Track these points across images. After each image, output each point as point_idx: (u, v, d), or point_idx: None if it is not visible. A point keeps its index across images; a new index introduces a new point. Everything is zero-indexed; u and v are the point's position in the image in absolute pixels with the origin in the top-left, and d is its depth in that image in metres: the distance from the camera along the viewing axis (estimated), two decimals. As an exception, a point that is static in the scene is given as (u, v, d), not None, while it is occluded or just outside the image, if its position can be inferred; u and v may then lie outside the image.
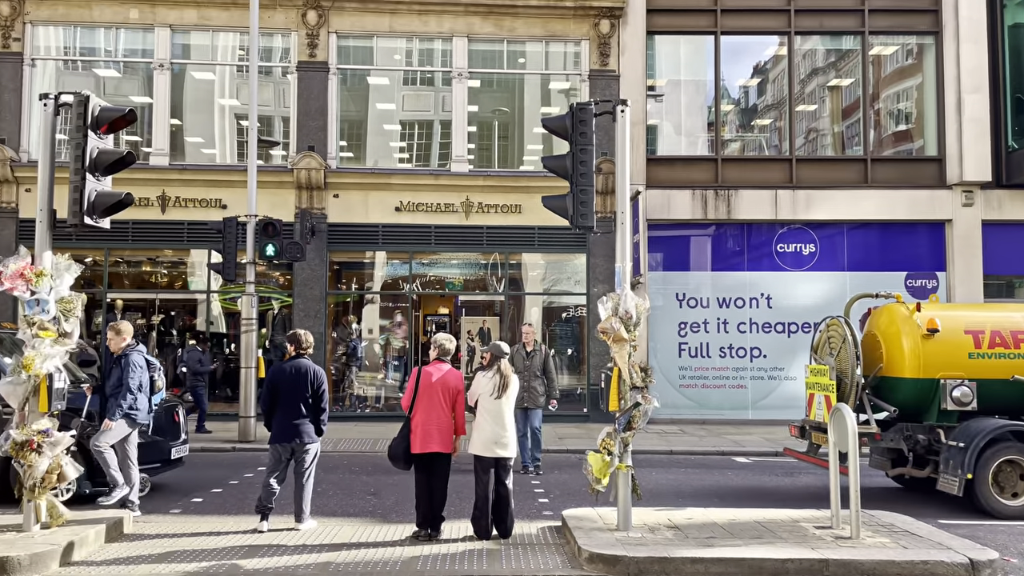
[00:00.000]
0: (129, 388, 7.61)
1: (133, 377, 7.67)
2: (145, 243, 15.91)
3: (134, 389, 7.65)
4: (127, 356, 7.78)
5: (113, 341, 7.90)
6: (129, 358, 7.76)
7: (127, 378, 7.64)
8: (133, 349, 7.87)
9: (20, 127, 15.51)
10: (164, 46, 15.83)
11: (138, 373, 7.73)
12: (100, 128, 7.13)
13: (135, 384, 7.67)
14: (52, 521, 6.57)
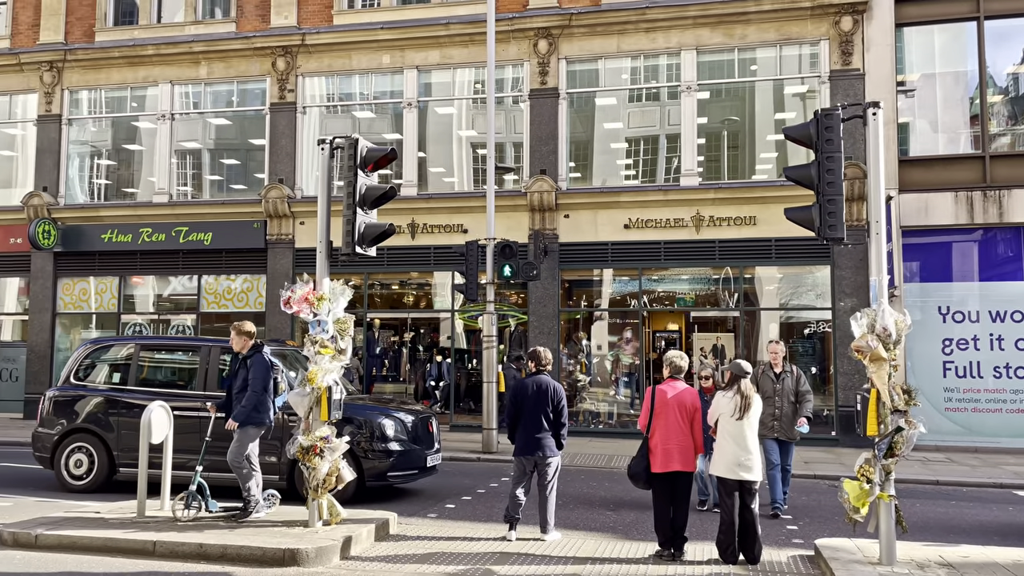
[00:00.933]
0: (255, 388, 7.66)
1: (259, 377, 7.70)
2: (397, 267, 17.38)
3: (259, 390, 7.67)
4: (253, 357, 7.83)
5: (236, 341, 7.91)
6: (255, 359, 7.81)
7: (252, 378, 7.69)
8: (258, 350, 7.90)
9: (295, 168, 17.66)
10: (412, 86, 17.30)
11: (263, 374, 7.75)
12: (367, 167, 7.98)
13: (260, 384, 7.70)
14: (331, 519, 7.39)
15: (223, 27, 18.21)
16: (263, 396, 7.71)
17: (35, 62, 18.80)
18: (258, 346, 7.97)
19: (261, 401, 7.70)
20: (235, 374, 7.92)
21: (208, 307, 18.13)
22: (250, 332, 7.99)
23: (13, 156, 19.75)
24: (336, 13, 17.68)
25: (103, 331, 18.55)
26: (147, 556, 6.63)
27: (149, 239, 18.03)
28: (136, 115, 18.89)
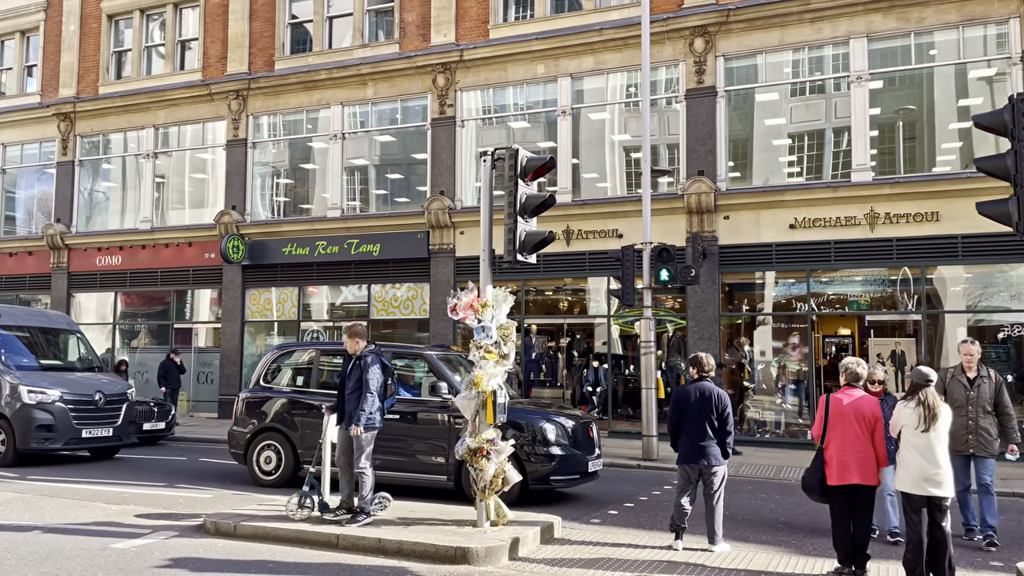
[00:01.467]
0: (369, 388, 7.75)
1: (373, 377, 7.79)
2: (552, 273, 17.56)
3: (374, 390, 7.78)
4: (366, 357, 7.93)
5: (349, 344, 8.08)
6: (369, 360, 7.91)
7: (367, 379, 7.76)
8: (371, 352, 8.03)
9: (455, 180, 18.29)
10: (565, 93, 17.46)
11: (377, 375, 7.86)
12: (527, 176, 8.15)
13: (375, 385, 7.80)
14: (498, 519, 7.58)
15: (387, 48, 19.19)
16: (375, 398, 7.81)
17: (223, 91, 20.64)
18: (372, 348, 8.16)
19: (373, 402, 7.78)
20: (347, 375, 8.04)
21: (377, 314, 19.13)
22: (362, 334, 8.14)
23: (205, 178, 21.78)
24: (492, 27, 18.17)
25: (284, 337, 20.02)
26: (331, 548, 7.09)
27: (324, 251, 19.29)
28: (310, 136, 20.29)
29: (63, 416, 12.38)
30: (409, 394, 10.34)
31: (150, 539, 7.36)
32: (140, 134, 22.02)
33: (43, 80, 23.47)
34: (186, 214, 21.76)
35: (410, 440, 9.84)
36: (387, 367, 8.14)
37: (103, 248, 22.06)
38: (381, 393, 7.94)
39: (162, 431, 15.44)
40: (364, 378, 7.80)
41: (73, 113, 22.56)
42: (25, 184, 24.14)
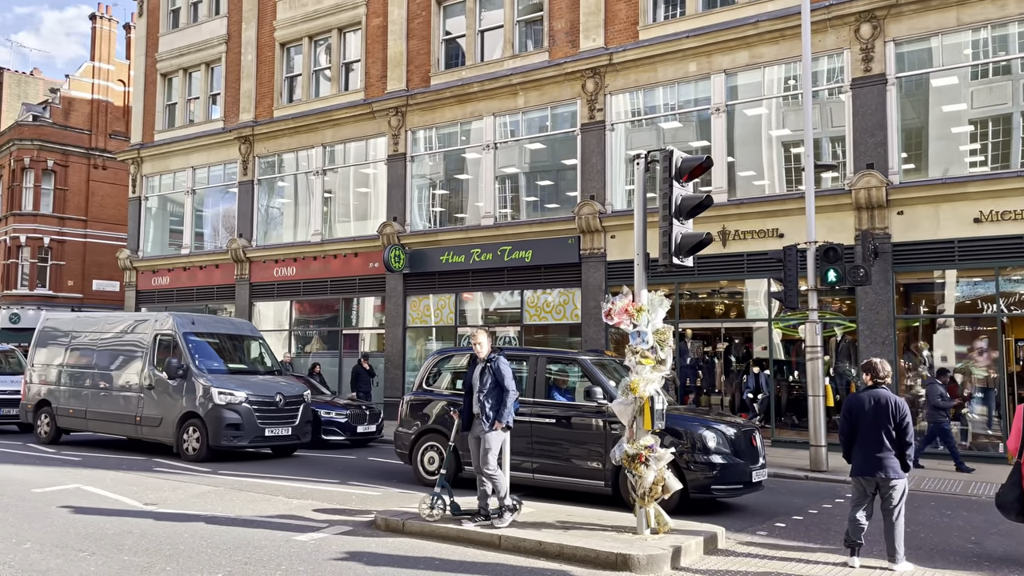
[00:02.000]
0: (509, 388, 7.85)
1: (507, 376, 7.89)
2: (708, 276, 17.08)
3: (512, 388, 7.89)
4: (495, 361, 7.99)
5: (477, 349, 8.17)
6: (499, 361, 7.99)
7: (502, 378, 7.85)
8: (496, 356, 8.11)
9: (604, 184, 18.24)
10: (719, 90, 16.98)
11: (511, 374, 8.00)
12: (682, 177, 7.99)
13: (512, 384, 7.92)
14: (659, 527, 7.46)
15: (537, 57, 19.47)
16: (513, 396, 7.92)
17: (384, 109, 21.71)
18: (499, 350, 8.27)
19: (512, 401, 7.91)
20: (476, 378, 8.08)
21: (529, 319, 19.41)
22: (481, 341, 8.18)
23: (368, 192, 22.98)
24: (642, 29, 17.99)
25: (443, 342, 20.74)
26: (493, 549, 7.25)
27: (478, 259, 19.82)
28: (463, 147, 20.93)
29: (249, 416, 13.45)
30: (563, 399, 10.40)
31: (327, 533, 7.84)
32: (309, 153, 23.58)
33: (225, 107, 25.67)
34: (351, 226, 23.05)
35: (565, 444, 9.89)
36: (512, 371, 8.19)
37: (279, 260, 23.79)
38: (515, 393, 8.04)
39: (372, 434, 16.43)
40: (500, 378, 7.90)
41: (252, 136, 24.51)
42: (211, 203, 26.49)
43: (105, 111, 39.53)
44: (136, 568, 6.40)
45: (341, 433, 15.65)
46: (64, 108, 38.54)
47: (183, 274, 26.18)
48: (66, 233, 37.53)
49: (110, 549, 7.01)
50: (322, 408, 15.72)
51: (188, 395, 13.63)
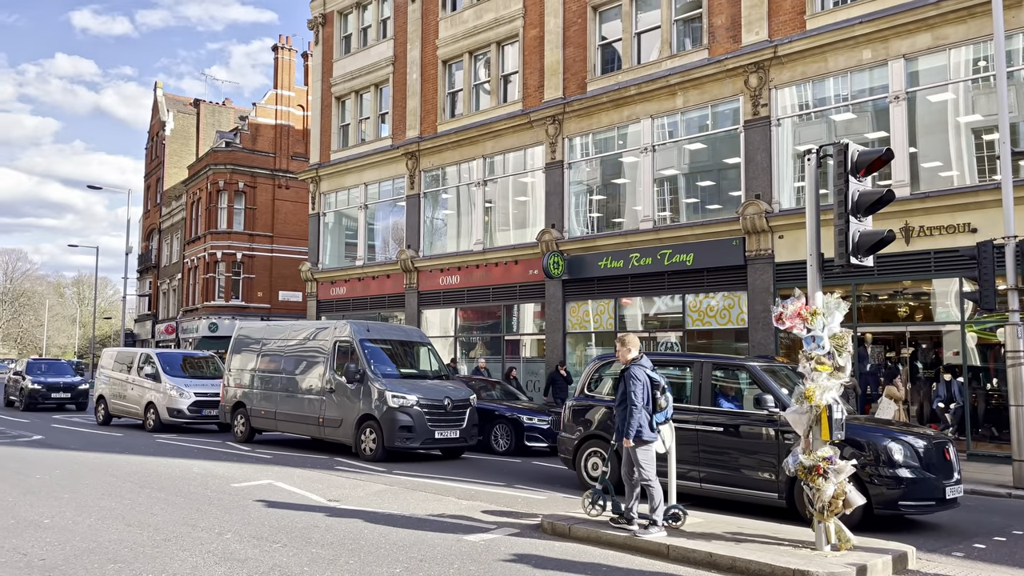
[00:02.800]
0: (634, 402, 7.59)
1: (635, 390, 7.62)
2: (888, 276, 15.93)
3: (638, 403, 7.59)
4: (629, 369, 7.80)
5: (620, 352, 8.00)
6: (631, 371, 7.75)
7: (629, 391, 7.64)
8: (637, 363, 7.84)
9: (771, 182, 17.49)
10: (897, 77, 15.82)
11: (640, 387, 7.64)
12: (858, 172, 7.51)
13: (638, 399, 7.60)
14: (840, 544, 7.02)
15: (696, 56, 19.02)
16: (640, 410, 7.65)
17: (541, 118, 22.02)
18: (636, 359, 7.94)
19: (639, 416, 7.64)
20: (616, 386, 8.01)
21: (692, 324, 18.94)
22: (630, 343, 7.99)
23: (526, 200, 23.38)
24: (809, 18, 17.12)
25: (603, 348, 20.68)
26: (661, 558, 7.12)
27: (637, 263, 19.61)
28: (620, 152, 20.80)
29: (420, 419, 14.05)
30: (730, 406, 10.06)
31: (495, 534, 8.03)
32: (471, 165, 24.34)
33: (393, 125, 27.05)
34: (511, 235, 23.54)
35: (733, 453, 9.56)
36: (655, 381, 7.85)
37: (444, 269, 24.71)
38: (648, 406, 7.73)
39: None
40: (628, 390, 7.72)
41: (417, 151, 25.65)
42: (382, 216, 27.98)
43: (287, 135, 42.85)
44: (323, 561, 6.85)
45: (544, 440, 15.47)
46: (252, 134, 42.16)
47: (358, 284, 27.79)
48: (255, 248, 40.98)
49: (299, 541, 7.55)
50: (524, 414, 15.84)
51: (365, 398, 14.43)
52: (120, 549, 7.13)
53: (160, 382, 19.82)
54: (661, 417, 7.85)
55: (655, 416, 7.79)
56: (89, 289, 79.25)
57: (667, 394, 7.88)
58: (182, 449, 15.47)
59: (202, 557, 6.86)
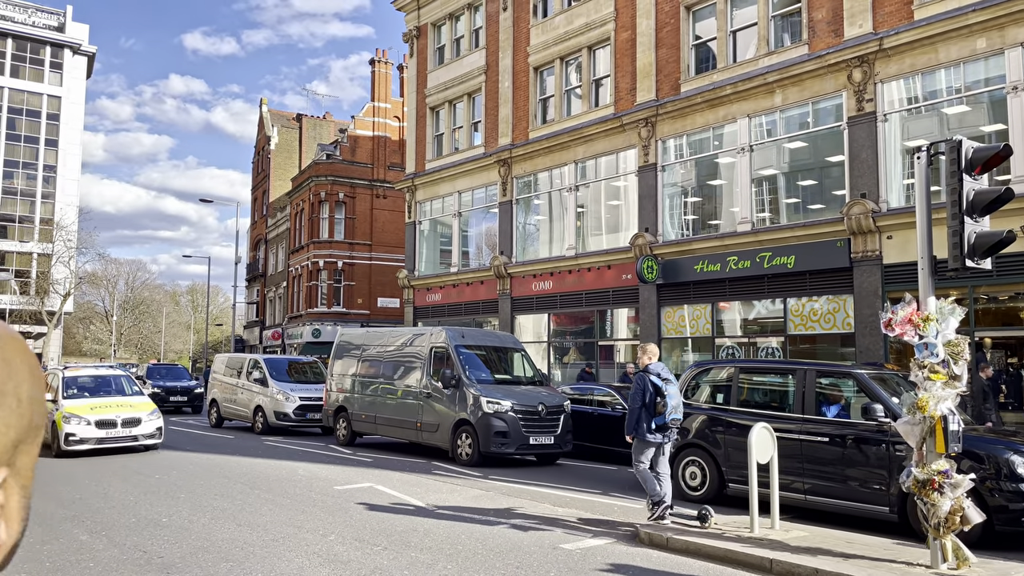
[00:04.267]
0: (631, 406, 8.84)
1: (633, 394, 8.84)
2: (1008, 277, 14.94)
3: (632, 405, 8.79)
4: (636, 375, 9.07)
5: (640, 359, 9.18)
6: (636, 377, 9.03)
7: (631, 395, 8.91)
8: (647, 370, 8.89)
9: (877, 180, 16.73)
10: (1016, 67, 14.85)
11: (639, 392, 8.77)
12: (973, 169, 7.10)
13: (635, 403, 8.76)
14: (959, 563, 6.64)
15: (795, 52, 18.42)
16: (639, 412, 8.76)
17: (633, 121, 21.81)
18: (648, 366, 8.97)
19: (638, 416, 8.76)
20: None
21: (794, 329, 18.30)
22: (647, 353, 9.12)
23: (619, 204, 23.18)
24: (917, 8, 16.29)
25: (699, 354, 20.25)
26: (763, 572, 6.91)
27: (735, 267, 19.11)
28: (716, 153, 20.34)
29: (514, 424, 14.13)
30: (836, 415, 9.66)
31: (591, 542, 7.99)
32: (563, 170, 24.35)
33: (486, 132, 27.37)
34: (603, 239, 23.39)
35: (840, 465, 9.18)
36: (657, 386, 8.77)
37: (537, 275, 24.79)
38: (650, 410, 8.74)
39: None
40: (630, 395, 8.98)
41: (510, 158, 25.87)
42: (475, 223, 28.34)
43: (384, 145, 44.05)
44: (422, 565, 6.98)
45: None
46: (351, 146, 43.55)
47: (452, 291, 28.24)
48: (355, 257, 42.26)
49: (399, 545, 7.72)
50: None
51: (460, 403, 14.64)
52: (232, 548, 7.49)
53: (267, 386, 20.68)
54: (660, 420, 8.77)
55: (655, 419, 8.74)
56: (202, 297, 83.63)
57: (671, 400, 8.72)
58: (288, 452, 16.10)
59: (307, 558, 7.12)
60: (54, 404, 15.33)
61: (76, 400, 15.47)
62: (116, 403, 15.64)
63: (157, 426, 15.57)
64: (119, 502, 9.95)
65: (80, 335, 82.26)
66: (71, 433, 14.64)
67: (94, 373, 17.70)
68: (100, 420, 14.91)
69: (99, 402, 15.50)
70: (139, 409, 15.58)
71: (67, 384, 16.09)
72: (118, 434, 15.04)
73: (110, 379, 17.22)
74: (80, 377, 16.80)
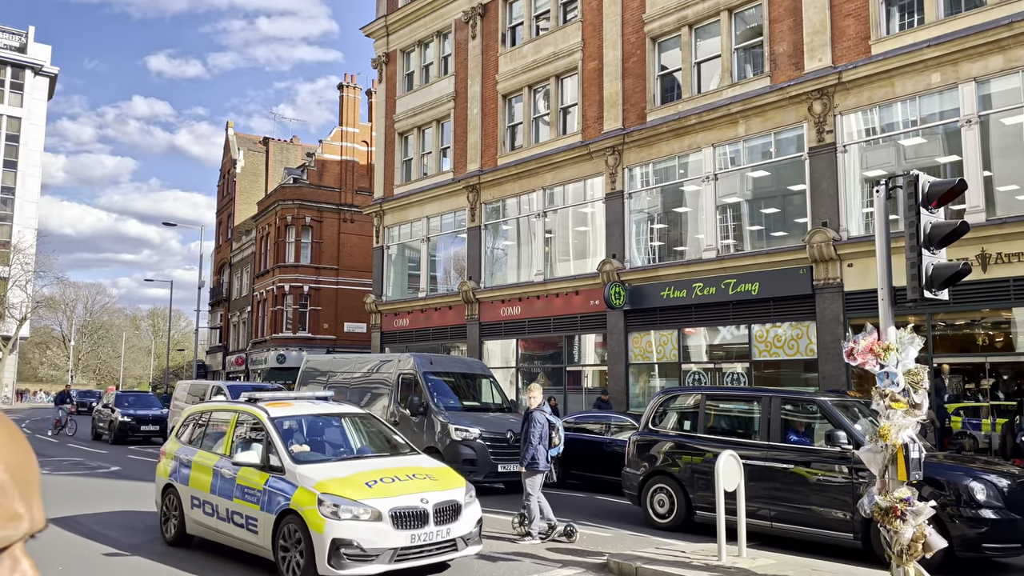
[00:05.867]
0: (530, 440, 9.80)
1: (533, 431, 9.82)
2: (965, 305, 15.35)
3: (534, 442, 9.77)
4: (532, 414, 9.98)
5: (528, 400, 10.26)
6: (533, 415, 9.96)
7: (529, 431, 9.83)
8: (539, 409, 10.02)
9: (838, 209, 17.13)
10: (969, 101, 15.38)
11: (538, 428, 9.85)
12: (930, 203, 7.32)
13: (535, 438, 9.79)
14: (921, 590, 6.74)
15: (757, 83, 18.86)
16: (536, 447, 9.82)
17: (600, 149, 22.09)
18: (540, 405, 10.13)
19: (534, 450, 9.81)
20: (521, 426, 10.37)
21: (759, 355, 18.55)
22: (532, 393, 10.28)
23: (586, 231, 23.39)
24: (874, 43, 16.82)
25: (666, 380, 20.41)
26: (732, 601, 6.95)
27: (701, 293, 19.36)
28: (681, 181, 20.67)
29: (483, 452, 14.07)
30: (801, 443, 9.80)
31: (560, 572, 7.96)
32: (531, 196, 24.53)
33: (455, 158, 27.49)
34: (571, 265, 23.55)
35: (805, 492, 9.30)
36: (552, 422, 10.10)
37: (505, 300, 24.84)
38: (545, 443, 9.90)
39: None
40: (528, 430, 9.87)
41: (478, 184, 25.99)
42: (443, 248, 28.35)
43: (352, 170, 43.97)
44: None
45: None
46: (318, 170, 43.39)
47: (420, 316, 28.14)
48: (321, 281, 41.95)
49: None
50: None
51: (428, 431, 14.55)
52: (196, 582, 7.31)
53: (231, 413, 20.29)
54: (554, 452, 10.14)
55: (550, 451, 10.00)
56: (163, 321, 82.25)
57: (560, 433, 10.26)
58: (252, 480, 15.80)
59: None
60: (274, 476, 7.82)
61: (319, 467, 7.86)
62: (398, 469, 8.07)
63: (478, 517, 8.14)
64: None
65: (36, 360, 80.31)
66: (347, 541, 7.06)
67: (318, 411, 9.43)
68: (399, 510, 7.35)
69: (368, 469, 7.98)
70: (445, 482, 8.06)
71: (285, 433, 8.42)
72: (431, 538, 7.47)
73: (341, 420, 9.58)
74: (304, 417, 9.12)
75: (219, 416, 9.54)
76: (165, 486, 9.46)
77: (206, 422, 9.68)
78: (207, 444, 9.29)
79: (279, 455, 7.95)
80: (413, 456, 8.93)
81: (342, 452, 8.84)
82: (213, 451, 9.00)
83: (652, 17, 21.28)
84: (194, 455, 9.18)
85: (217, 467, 8.61)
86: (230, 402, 10.69)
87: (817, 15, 17.73)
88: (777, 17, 18.65)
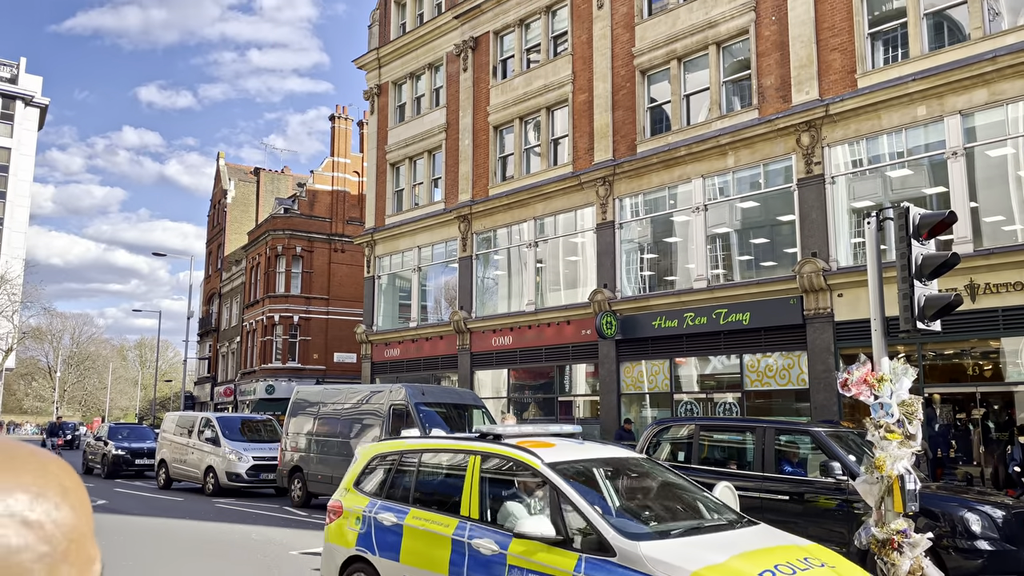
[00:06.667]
0: None
1: None
2: (955, 335, 15.41)
3: None
4: None
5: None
6: None
7: None
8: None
9: (827, 240, 17.26)
10: (954, 133, 15.61)
11: None
12: (921, 235, 7.40)
13: None
14: (919, 624, 6.69)
15: (746, 116, 19.10)
16: None
17: (591, 179, 22.25)
18: None
19: None
20: None
21: (750, 385, 18.55)
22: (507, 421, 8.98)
23: (578, 260, 23.47)
24: (860, 76, 17.10)
25: (658, 410, 20.36)
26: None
27: (692, 323, 19.40)
28: (671, 211, 20.82)
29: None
30: (795, 473, 9.77)
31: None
32: (522, 227, 24.62)
33: (446, 189, 27.61)
34: (563, 295, 23.58)
35: (800, 523, 9.22)
36: None
37: (496, 330, 24.80)
38: None
39: None
40: None
41: (470, 214, 26.08)
42: (434, 278, 28.36)
43: (343, 200, 44.06)
44: (383, 634, 6.73)
45: None
46: (309, 200, 43.46)
47: (411, 346, 28.05)
48: (312, 311, 41.80)
49: (359, 613, 7.46)
50: None
51: (420, 463, 14.40)
52: (184, 620, 7.18)
53: (220, 446, 20.12)
54: None
55: None
56: (151, 352, 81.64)
57: None
58: (240, 514, 15.61)
59: (264, 630, 6.83)
60: (591, 560, 5.09)
61: (663, 545, 5.17)
62: (773, 550, 5.51)
63: None
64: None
65: (21, 392, 79.39)
66: None
67: (593, 455, 6.62)
68: None
69: (736, 551, 5.23)
70: (842, 570, 5.43)
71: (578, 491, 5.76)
72: None
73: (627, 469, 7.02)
74: (586, 463, 6.39)
75: (438, 460, 6.96)
76: (349, 559, 6.79)
77: (412, 467, 6.90)
78: (421, 499, 6.60)
79: (595, 527, 5.21)
80: (755, 527, 6.15)
81: (651, 520, 6.03)
82: (440, 511, 6.31)
83: (641, 51, 21.58)
84: (404, 516, 6.45)
85: (459, 537, 5.89)
86: (456, 438, 7.45)
87: (803, 49, 18.03)
88: (764, 51, 18.95)
